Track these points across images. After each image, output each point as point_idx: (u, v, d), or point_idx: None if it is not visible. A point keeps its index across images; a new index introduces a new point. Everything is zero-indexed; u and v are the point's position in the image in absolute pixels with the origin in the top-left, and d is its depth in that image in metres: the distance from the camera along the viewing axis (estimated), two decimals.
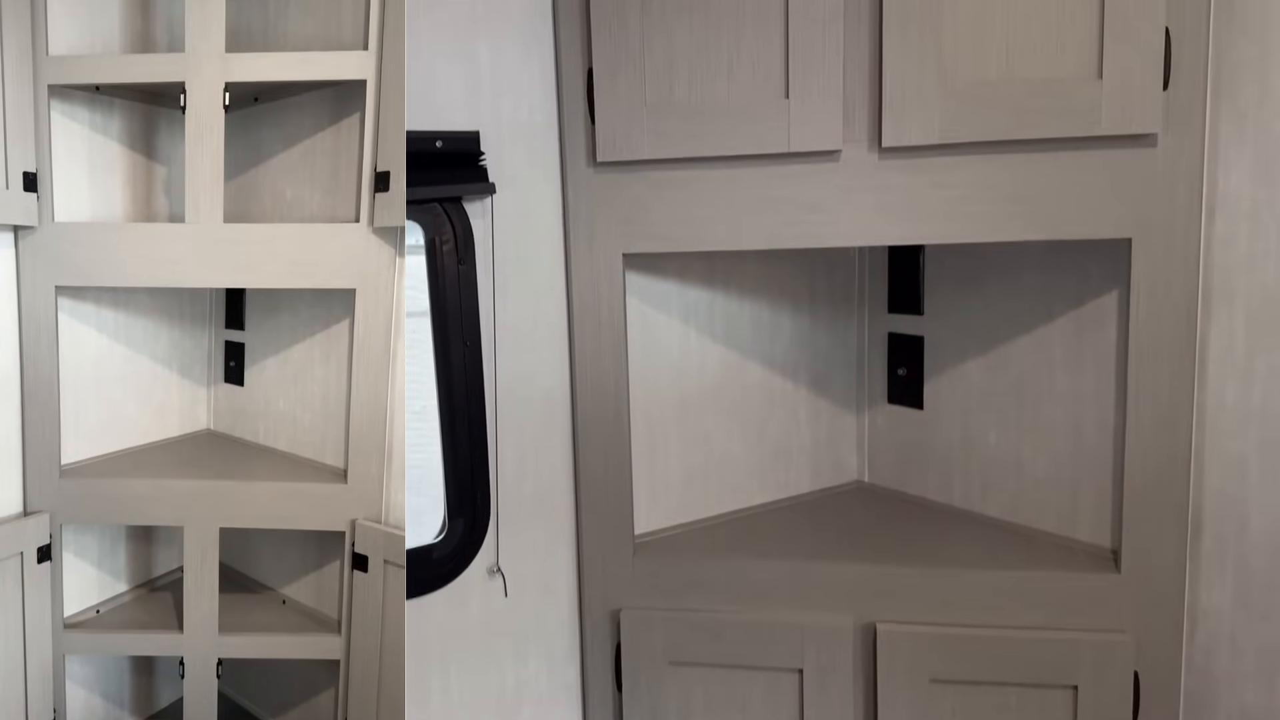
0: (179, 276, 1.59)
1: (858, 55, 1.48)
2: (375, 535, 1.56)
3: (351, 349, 1.59)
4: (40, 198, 1.58)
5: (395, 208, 1.49)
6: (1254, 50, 1.38)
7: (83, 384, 1.75)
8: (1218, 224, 1.44)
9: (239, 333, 1.97)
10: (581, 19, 1.56)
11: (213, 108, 1.55)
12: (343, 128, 1.69)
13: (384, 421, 1.58)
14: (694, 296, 1.82)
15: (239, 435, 1.98)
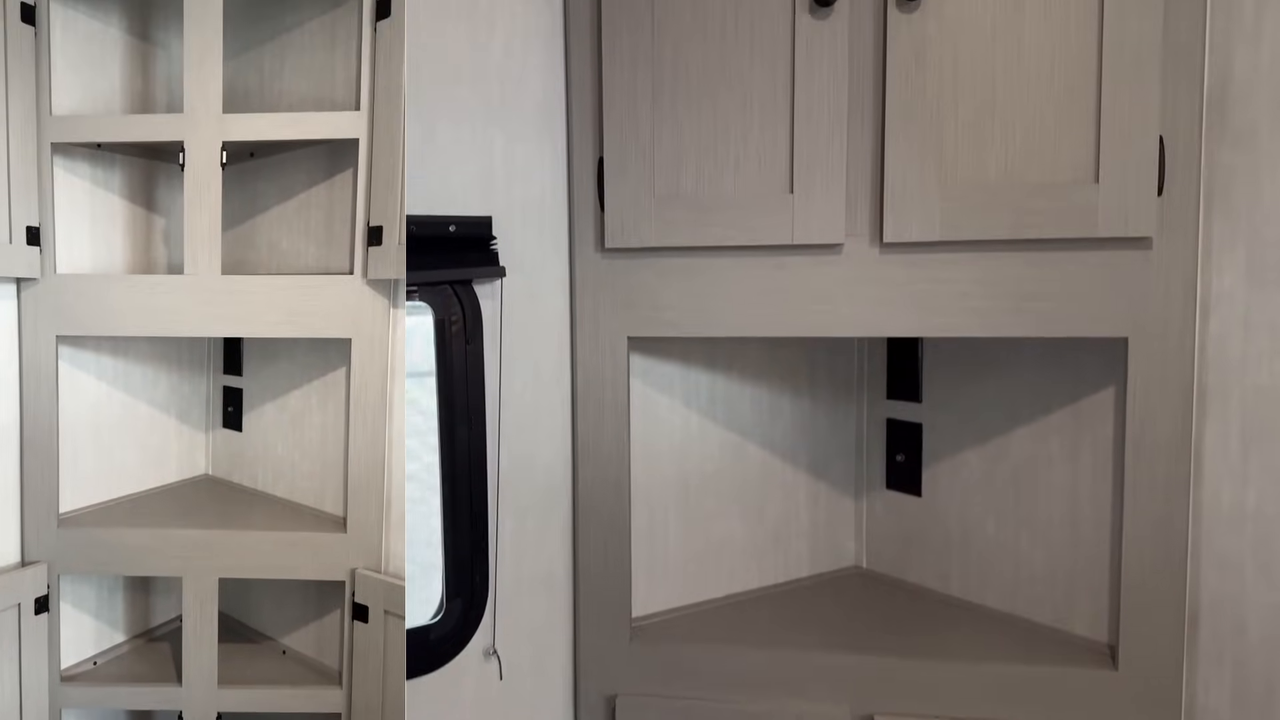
0: (178, 326, 1.62)
1: (860, 153, 1.52)
2: (375, 585, 1.56)
3: (348, 398, 1.62)
4: (43, 250, 1.62)
5: (388, 261, 1.53)
6: (1244, 159, 1.42)
7: (81, 430, 1.77)
8: (1212, 325, 1.47)
9: (237, 378, 1.99)
10: (594, 110, 1.61)
11: (210, 165, 1.60)
12: (336, 182, 1.74)
13: (382, 470, 1.59)
14: (696, 379, 1.84)
15: (237, 481, 1.99)
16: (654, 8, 1.55)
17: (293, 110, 1.76)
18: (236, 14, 1.85)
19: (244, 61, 1.87)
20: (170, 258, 1.97)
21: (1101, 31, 1.41)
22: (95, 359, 1.80)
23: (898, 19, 1.46)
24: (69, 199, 1.73)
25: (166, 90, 1.92)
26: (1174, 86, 1.42)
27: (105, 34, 1.79)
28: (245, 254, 1.91)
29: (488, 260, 1.55)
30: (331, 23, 1.71)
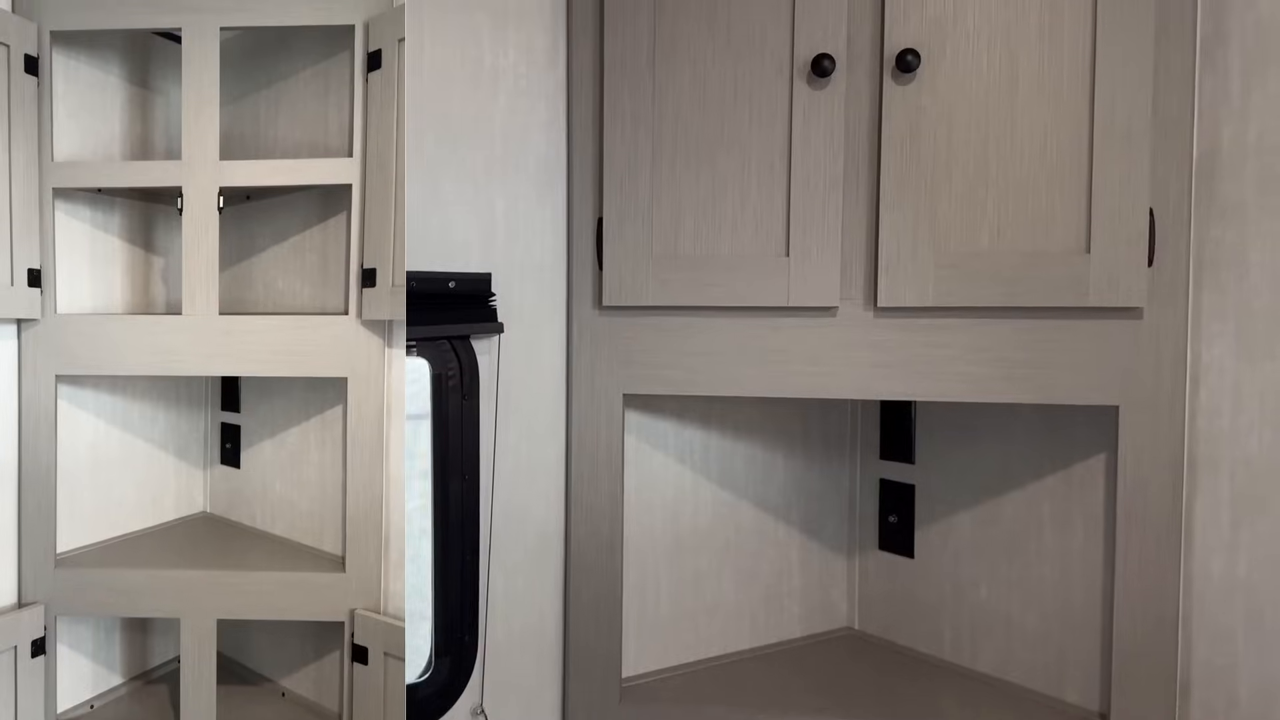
0: (176, 365, 1.64)
1: (856, 219, 1.54)
2: (375, 626, 1.55)
3: (345, 437, 1.63)
4: (43, 291, 1.65)
5: (382, 302, 1.55)
6: (1232, 232, 1.45)
7: (79, 468, 1.77)
8: (1202, 396, 1.49)
9: (235, 414, 2.00)
10: (594, 170, 1.63)
11: (207, 210, 1.64)
12: (330, 225, 1.77)
13: (380, 510, 1.59)
14: (690, 435, 1.85)
15: (235, 519, 1.99)
16: (655, 73, 1.58)
17: (287, 156, 1.81)
18: (233, 62, 1.90)
19: (240, 108, 1.91)
20: (169, 296, 2.00)
21: (1093, 106, 1.45)
22: (94, 396, 1.81)
23: (893, 90, 1.50)
24: (69, 241, 1.76)
25: (165, 135, 1.96)
26: (1164, 160, 1.45)
27: (106, 81, 1.84)
28: (242, 293, 1.94)
29: (486, 316, 1.56)
30: (325, 72, 1.76)
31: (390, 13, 1.58)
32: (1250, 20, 1.42)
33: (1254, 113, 1.42)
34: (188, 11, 1.63)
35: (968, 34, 1.48)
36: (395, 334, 1.63)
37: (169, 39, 1.93)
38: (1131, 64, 1.43)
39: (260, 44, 1.90)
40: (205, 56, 1.62)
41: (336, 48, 1.73)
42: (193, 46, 1.63)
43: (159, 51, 1.95)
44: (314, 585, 1.63)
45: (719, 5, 1.56)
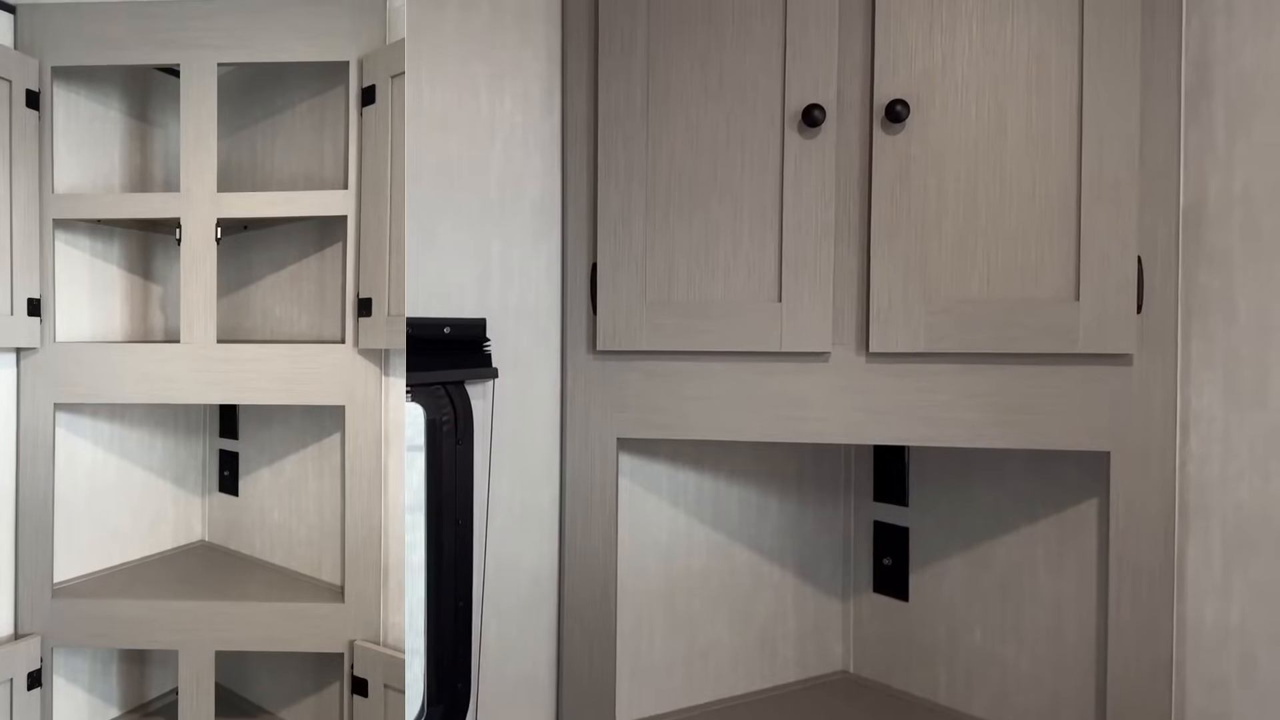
0: (174, 394, 1.66)
1: (847, 265, 1.56)
2: (375, 658, 1.55)
3: (344, 466, 1.63)
4: (43, 320, 1.66)
5: (378, 331, 1.57)
6: (1220, 280, 1.46)
7: (76, 497, 1.77)
8: (1192, 442, 1.49)
9: (233, 441, 2.00)
10: (589, 217, 1.65)
11: (205, 240, 1.66)
12: (327, 255, 1.80)
13: (379, 539, 1.59)
14: (684, 478, 1.86)
15: (234, 547, 1.99)
16: (649, 121, 1.60)
17: (283, 187, 1.84)
18: (230, 96, 1.94)
19: (237, 140, 1.94)
20: (167, 324, 2.02)
21: (1080, 155, 1.46)
22: (92, 424, 1.82)
23: (883, 140, 1.52)
24: (69, 270, 1.78)
25: (164, 167, 2.00)
26: (1151, 209, 1.47)
27: (106, 115, 1.87)
28: (240, 320, 1.96)
29: (481, 362, 1.57)
30: (320, 106, 1.79)
31: (384, 49, 1.62)
32: (1233, 72, 1.44)
33: (1239, 162, 1.44)
34: (186, 48, 1.66)
35: (956, 85, 1.50)
36: (392, 363, 1.64)
37: (168, 74, 1.96)
38: (1118, 114, 1.45)
39: (257, 78, 1.93)
40: (203, 91, 1.65)
41: (331, 82, 1.76)
42: (191, 82, 1.66)
43: (158, 86, 1.99)
44: (313, 616, 1.63)
45: (711, 56, 1.58)
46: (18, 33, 1.69)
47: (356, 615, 1.61)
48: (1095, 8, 1.45)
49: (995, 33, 1.49)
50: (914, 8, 1.51)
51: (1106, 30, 1.45)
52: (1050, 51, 1.48)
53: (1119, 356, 1.48)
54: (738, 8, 1.57)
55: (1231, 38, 1.44)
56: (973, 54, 1.50)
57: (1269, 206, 1.41)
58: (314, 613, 1.62)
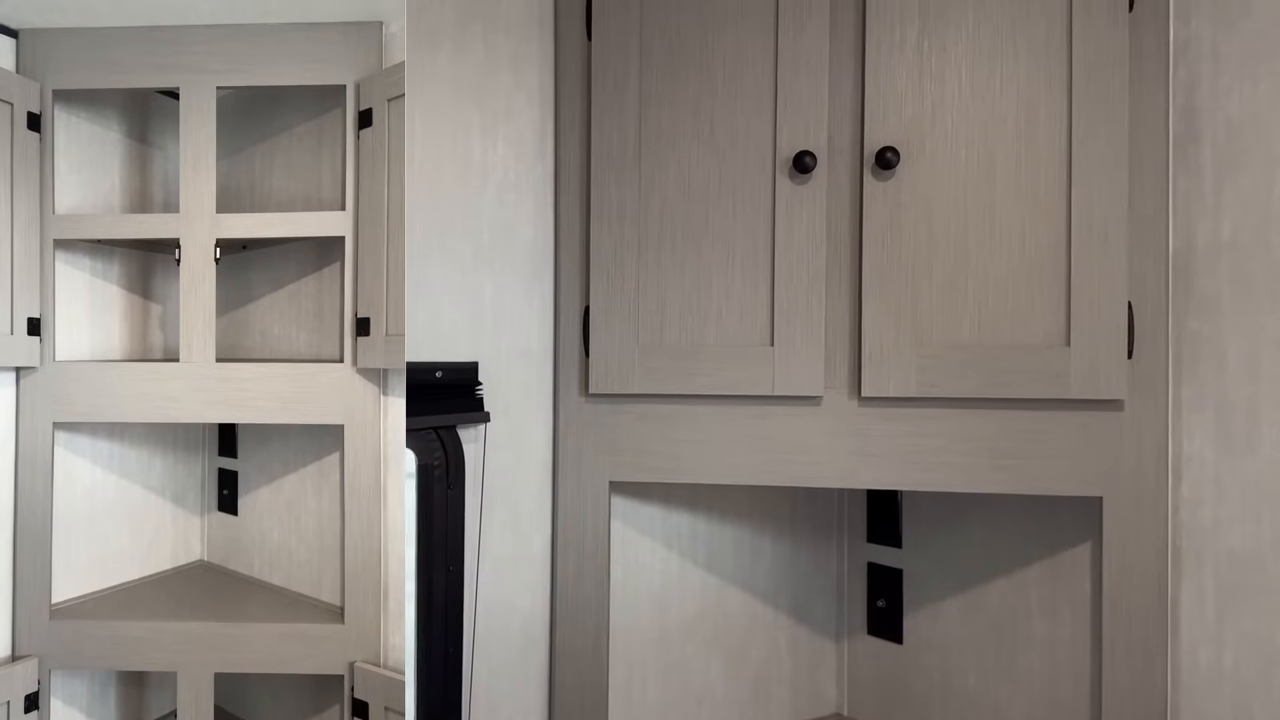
0: (173, 413, 1.66)
1: (839, 310, 1.56)
2: (375, 680, 1.54)
3: (343, 485, 1.63)
4: (42, 340, 1.66)
5: (376, 350, 1.58)
6: (1209, 326, 1.47)
7: (75, 516, 1.77)
8: (1184, 487, 1.49)
9: (232, 460, 1.99)
10: (581, 260, 1.66)
11: (204, 260, 1.68)
12: (325, 274, 1.81)
13: (379, 559, 1.59)
14: (677, 520, 1.85)
15: (233, 567, 1.98)
16: (641, 166, 1.61)
17: (281, 208, 1.86)
18: (229, 118, 1.96)
19: (236, 161, 1.96)
20: (166, 342, 2.03)
21: (1070, 202, 1.47)
22: (90, 443, 1.82)
23: (874, 186, 1.53)
24: (69, 289, 1.79)
25: (163, 188, 2.01)
26: (1140, 255, 1.47)
27: (106, 137, 1.88)
28: (239, 339, 1.96)
29: (473, 405, 1.57)
30: (318, 128, 1.80)
31: (381, 74, 1.63)
32: (1220, 120, 1.46)
33: (1227, 209, 1.45)
34: (186, 72, 1.68)
35: (946, 133, 1.51)
36: (390, 382, 1.65)
37: (168, 97, 1.98)
38: (1107, 161, 1.46)
39: (255, 102, 1.95)
40: (203, 114, 1.67)
41: (329, 105, 1.78)
42: (191, 105, 1.67)
43: (158, 108, 2.00)
44: (313, 637, 1.62)
45: (703, 102, 1.59)
46: (19, 56, 1.71)
47: (356, 636, 1.60)
48: (1083, 55, 1.47)
49: (984, 80, 1.51)
50: (903, 56, 1.52)
51: (1095, 77, 1.46)
52: (1039, 99, 1.49)
53: (1110, 402, 1.48)
54: (730, 54, 1.58)
55: (1218, 86, 1.46)
56: (962, 101, 1.51)
57: (1257, 253, 1.42)
58: (313, 634, 1.62)
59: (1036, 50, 1.50)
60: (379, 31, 1.70)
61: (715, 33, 1.59)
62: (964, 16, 1.52)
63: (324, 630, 1.62)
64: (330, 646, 1.61)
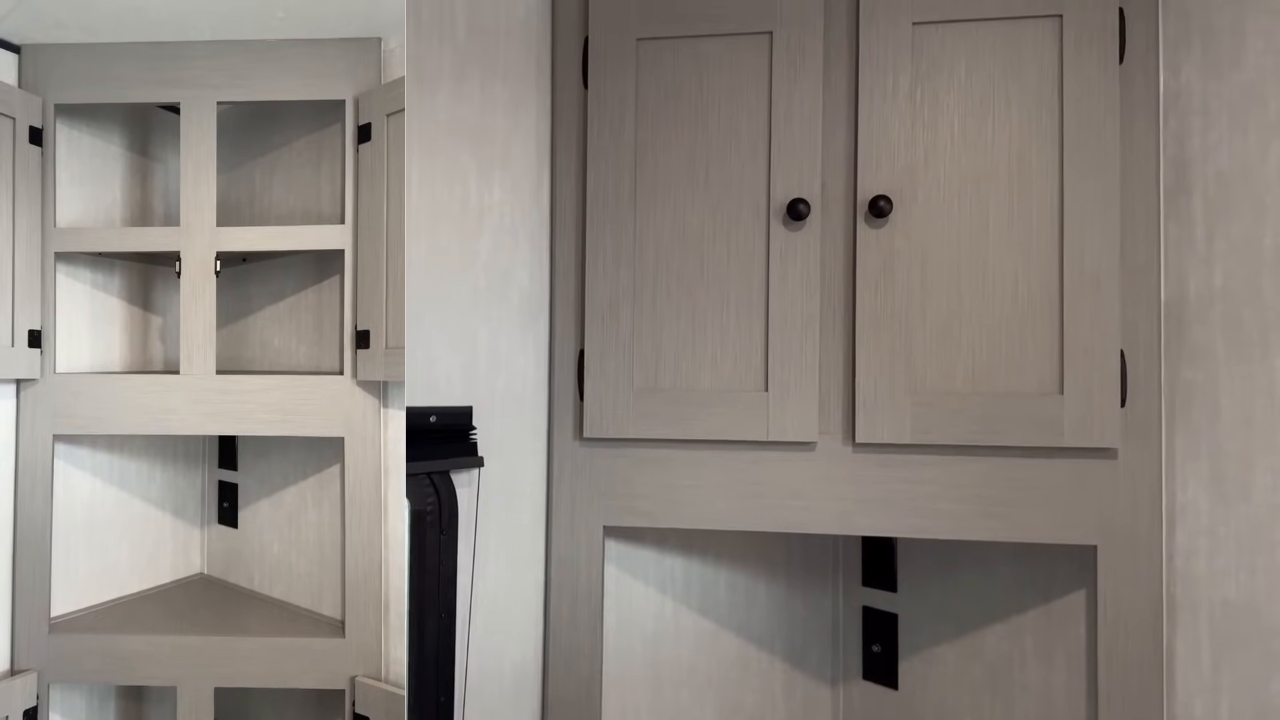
0: (174, 425, 1.67)
1: (833, 356, 1.57)
2: (377, 695, 1.52)
3: (343, 497, 1.63)
4: (43, 352, 1.67)
5: (376, 363, 1.59)
6: (1203, 375, 1.47)
7: (74, 529, 1.76)
8: (1178, 537, 1.49)
9: (232, 472, 1.99)
10: (576, 304, 1.66)
11: (205, 273, 1.69)
12: (325, 287, 1.82)
13: (380, 572, 1.58)
14: (671, 564, 1.84)
15: (233, 581, 1.96)
16: (636, 211, 1.62)
17: (281, 221, 1.87)
18: (229, 132, 1.98)
19: (236, 175, 1.97)
20: (166, 354, 2.03)
21: (1062, 250, 1.48)
22: (90, 455, 1.82)
23: (867, 233, 1.53)
24: (70, 301, 1.80)
25: (164, 201, 2.03)
26: (1133, 304, 1.48)
27: (107, 150, 1.90)
28: (239, 351, 1.97)
29: (467, 450, 1.57)
30: (317, 142, 1.82)
31: (379, 89, 1.65)
32: (1210, 171, 1.47)
33: (1219, 259, 1.46)
34: (187, 87, 1.70)
35: (939, 181, 1.52)
36: (390, 395, 1.64)
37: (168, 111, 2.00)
38: (1099, 210, 1.47)
39: (255, 116, 1.96)
40: (203, 129, 1.68)
41: (328, 119, 1.80)
42: (191, 120, 1.69)
43: (159, 122, 2.02)
44: (313, 651, 1.61)
45: (698, 149, 1.61)
46: (22, 71, 1.73)
47: (358, 650, 1.59)
48: (1075, 106, 1.48)
49: (976, 129, 1.52)
50: (896, 104, 1.53)
51: (1086, 127, 1.48)
52: (1031, 148, 1.51)
53: (1104, 450, 1.48)
54: (724, 102, 1.60)
55: (1209, 138, 1.47)
56: (954, 150, 1.53)
57: (1249, 302, 1.42)
58: (314, 648, 1.61)
59: (1028, 100, 1.51)
60: (378, 47, 1.72)
61: (710, 81, 1.60)
62: (956, 66, 1.53)
63: (325, 644, 1.61)
64: (331, 661, 1.60)
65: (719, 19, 1.59)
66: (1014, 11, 1.51)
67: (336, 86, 1.70)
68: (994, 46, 1.52)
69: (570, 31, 1.66)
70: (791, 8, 1.56)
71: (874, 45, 1.54)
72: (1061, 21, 1.49)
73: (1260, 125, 1.42)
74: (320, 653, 1.61)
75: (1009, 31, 1.52)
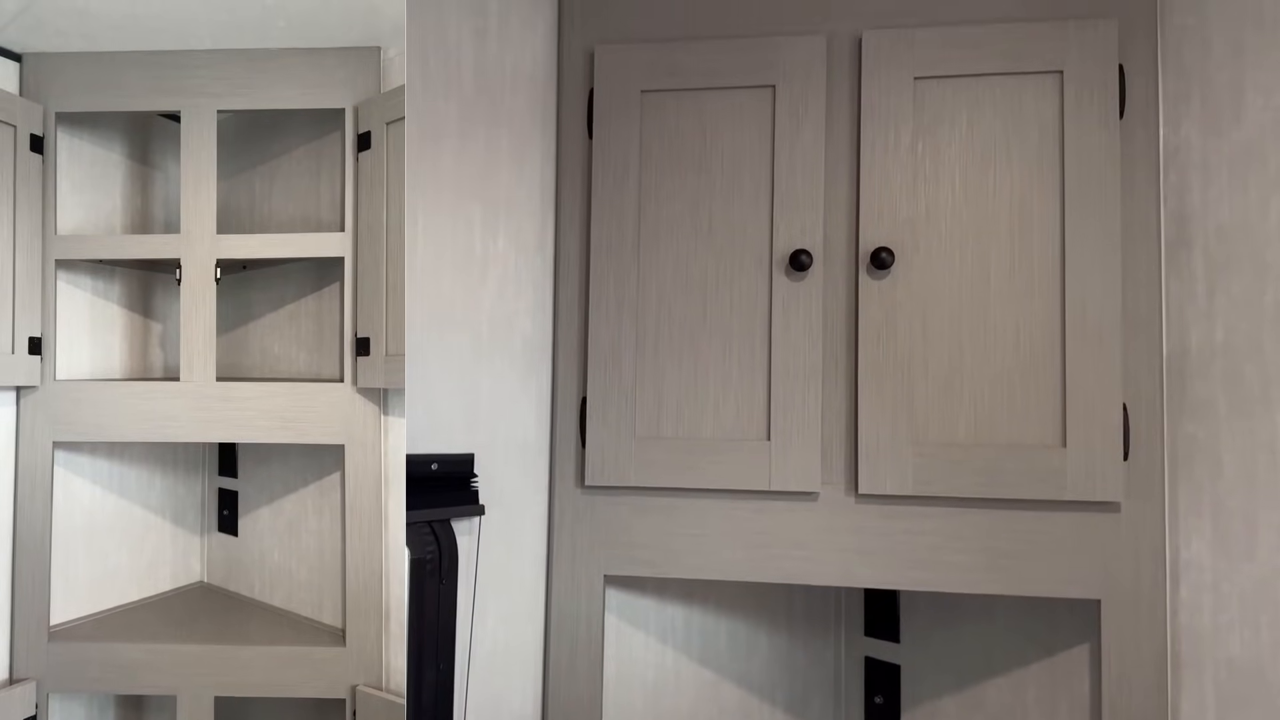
0: (174, 432, 1.66)
1: (835, 406, 1.57)
2: (377, 704, 1.51)
3: (344, 505, 1.62)
4: (43, 359, 1.67)
5: (376, 370, 1.58)
6: (1205, 430, 1.47)
7: (74, 536, 1.75)
8: (1182, 591, 1.48)
9: (232, 480, 1.98)
10: (579, 351, 1.66)
11: (205, 280, 1.69)
12: (324, 294, 1.82)
13: (380, 580, 1.56)
14: (672, 613, 1.83)
15: (233, 589, 1.95)
16: (639, 259, 1.63)
17: (281, 229, 1.88)
18: (229, 140, 1.99)
19: (236, 183, 1.98)
20: (166, 361, 2.03)
21: (1064, 303, 1.49)
22: (90, 462, 1.82)
23: (869, 285, 1.54)
24: (70, 308, 1.81)
25: (164, 208, 2.04)
26: (1135, 357, 1.48)
27: (108, 158, 1.91)
28: (239, 358, 1.97)
29: (468, 499, 1.56)
30: (317, 150, 1.83)
31: (379, 97, 1.66)
32: (1211, 227, 1.47)
33: (1220, 314, 1.46)
34: (187, 95, 1.71)
35: (940, 234, 1.53)
36: (391, 402, 1.64)
37: (169, 119, 2.02)
38: (1100, 264, 1.48)
39: (255, 124, 1.98)
40: (203, 137, 1.70)
41: (327, 128, 1.81)
42: (191, 128, 1.70)
43: (159, 130, 2.04)
44: (314, 660, 1.60)
45: (701, 199, 1.62)
46: (23, 80, 1.75)
47: (358, 659, 1.58)
48: (1075, 160, 1.49)
49: (977, 183, 1.53)
50: (898, 157, 1.55)
51: (1087, 182, 1.49)
52: (1032, 201, 1.52)
53: (1107, 504, 1.48)
54: (727, 154, 1.61)
55: (1209, 193, 1.48)
56: (955, 203, 1.54)
57: (1251, 358, 1.43)
58: (315, 657, 1.60)
59: (1029, 154, 1.52)
60: (377, 56, 1.73)
61: (713, 133, 1.62)
62: (958, 120, 1.55)
63: (325, 653, 1.60)
64: (332, 669, 1.59)
65: (722, 72, 1.61)
66: (1015, 67, 1.52)
67: (336, 95, 1.71)
68: (995, 101, 1.53)
69: (575, 83, 1.68)
70: (794, 62, 1.58)
71: (876, 99, 1.56)
72: (1062, 77, 1.51)
73: (1260, 181, 1.43)
74: (321, 661, 1.60)
75: (1010, 87, 1.53)
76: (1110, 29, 1.49)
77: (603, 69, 1.64)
